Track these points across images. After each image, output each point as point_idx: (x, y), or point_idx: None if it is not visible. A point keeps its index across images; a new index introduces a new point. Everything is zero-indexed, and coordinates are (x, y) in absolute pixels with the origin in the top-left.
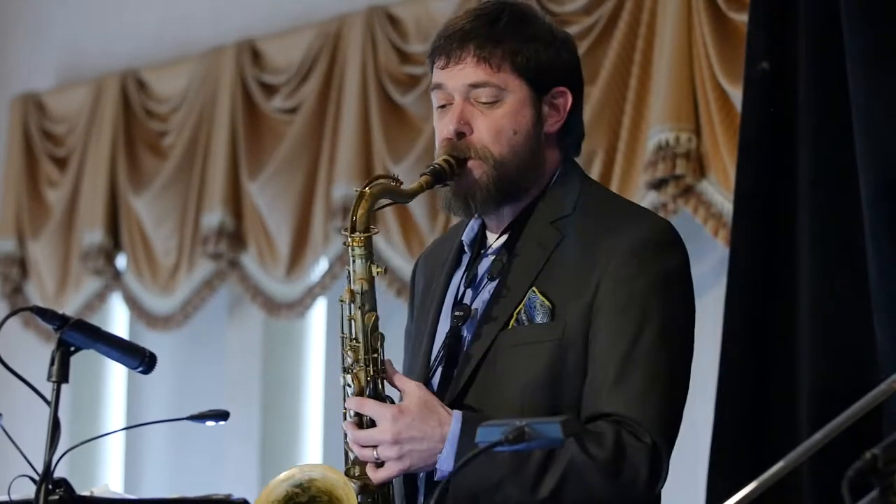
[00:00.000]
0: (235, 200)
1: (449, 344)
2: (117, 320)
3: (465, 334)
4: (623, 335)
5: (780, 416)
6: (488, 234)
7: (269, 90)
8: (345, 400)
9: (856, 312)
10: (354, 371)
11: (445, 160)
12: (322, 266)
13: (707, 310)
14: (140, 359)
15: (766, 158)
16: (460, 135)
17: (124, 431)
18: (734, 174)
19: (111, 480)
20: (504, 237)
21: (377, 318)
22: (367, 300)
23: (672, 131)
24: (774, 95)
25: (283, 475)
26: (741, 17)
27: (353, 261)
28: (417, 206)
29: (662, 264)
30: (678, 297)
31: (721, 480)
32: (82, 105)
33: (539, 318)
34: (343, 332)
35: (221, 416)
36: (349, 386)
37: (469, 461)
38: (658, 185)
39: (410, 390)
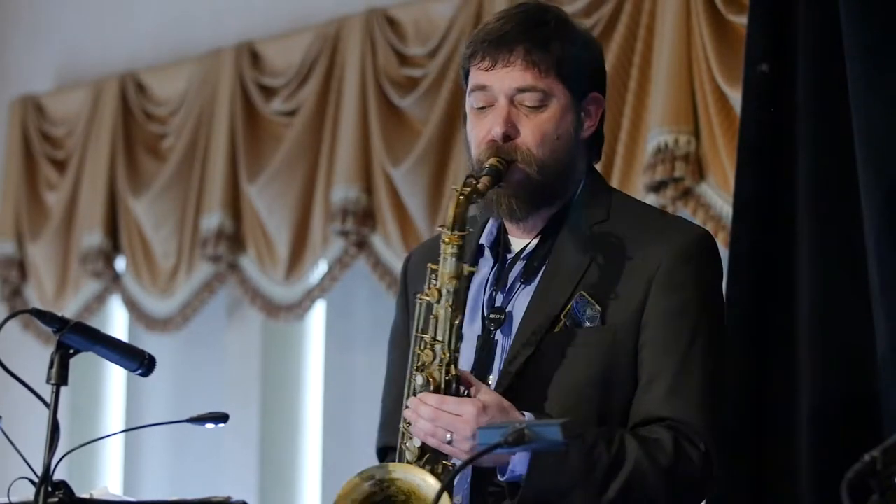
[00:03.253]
0: (234, 203)
1: (482, 349)
2: (116, 323)
3: (497, 338)
4: (677, 343)
5: (779, 419)
6: (512, 238)
7: (269, 92)
8: (407, 398)
9: (855, 315)
10: (430, 370)
11: (498, 161)
12: (321, 268)
13: None
14: (139, 361)
15: (766, 161)
16: (507, 137)
17: (123, 434)
18: (733, 176)
19: (110, 483)
20: (536, 241)
21: (462, 319)
22: (456, 299)
23: (671, 133)
24: (774, 97)
25: (364, 472)
26: (740, 19)
27: (445, 259)
28: (415, 205)
29: (710, 273)
30: (721, 305)
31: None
32: (81, 107)
33: (588, 323)
34: (419, 331)
35: (221, 418)
36: (424, 386)
37: (469, 463)
38: (657, 187)
39: (486, 391)
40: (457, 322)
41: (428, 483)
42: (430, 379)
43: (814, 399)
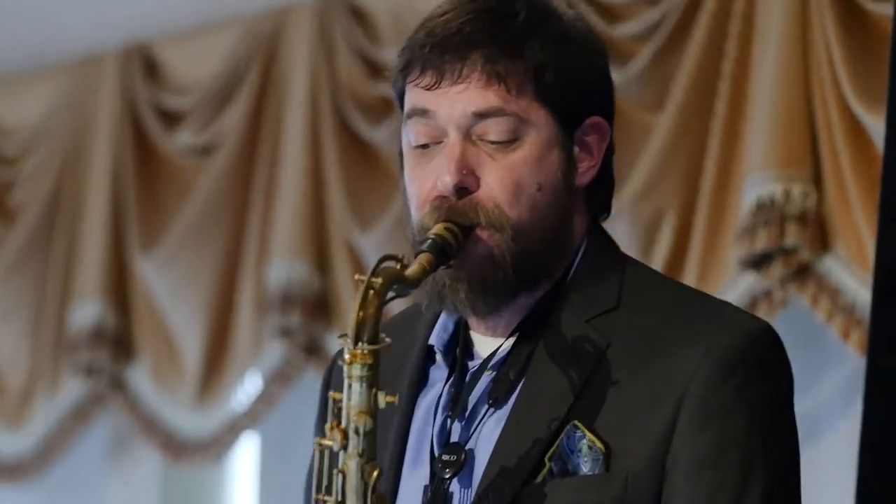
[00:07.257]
0: (119, 286)
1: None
2: None
3: (453, 490)
4: (719, 497)
5: None
6: (475, 335)
7: (171, 120)
8: None
9: None
10: None
11: (447, 229)
12: (252, 385)
13: (834, 446)
14: None
15: None
16: (462, 191)
17: None
18: (873, 246)
19: None
20: (510, 341)
21: (381, 474)
22: (369, 445)
23: (778, 182)
24: None
25: None
26: (884, 9)
27: (350, 385)
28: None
29: (767, 389)
30: (788, 435)
31: None
32: None
33: (586, 468)
34: (320, 493)
35: None
36: None
37: None
38: (758, 262)
39: None
40: (373, 477)
41: None
42: None
43: None
